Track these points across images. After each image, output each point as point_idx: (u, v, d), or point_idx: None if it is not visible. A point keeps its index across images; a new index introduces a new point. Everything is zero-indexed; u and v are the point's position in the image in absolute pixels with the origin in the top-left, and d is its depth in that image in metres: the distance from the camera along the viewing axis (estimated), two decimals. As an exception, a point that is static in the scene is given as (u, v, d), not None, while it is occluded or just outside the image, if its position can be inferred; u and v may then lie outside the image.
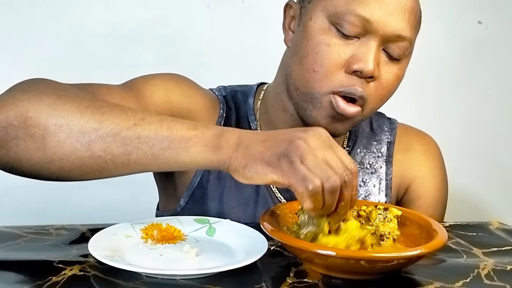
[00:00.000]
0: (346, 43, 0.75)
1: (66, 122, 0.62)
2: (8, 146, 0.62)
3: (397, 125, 0.96)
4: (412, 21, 0.76)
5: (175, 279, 0.59)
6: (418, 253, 0.60)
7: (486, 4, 1.61)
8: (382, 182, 0.92)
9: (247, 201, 0.85)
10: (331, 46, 0.75)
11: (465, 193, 1.62)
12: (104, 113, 0.63)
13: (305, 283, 0.60)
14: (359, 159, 0.92)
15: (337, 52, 0.75)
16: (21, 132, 0.61)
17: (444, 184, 0.96)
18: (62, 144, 0.61)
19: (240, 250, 0.66)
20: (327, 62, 0.75)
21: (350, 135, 0.93)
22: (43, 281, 0.57)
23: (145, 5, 1.47)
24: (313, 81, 0.77)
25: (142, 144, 0.62)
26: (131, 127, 0.62)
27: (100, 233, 0.67)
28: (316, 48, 0.76)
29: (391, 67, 0.77)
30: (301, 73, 0.78)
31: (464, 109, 1.64)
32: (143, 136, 0.62)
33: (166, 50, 1.48)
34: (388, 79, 0.78)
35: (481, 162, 1.65)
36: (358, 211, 0.70)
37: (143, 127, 0.63)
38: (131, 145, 0.62)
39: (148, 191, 1.02)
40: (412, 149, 0.95)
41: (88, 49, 1.47)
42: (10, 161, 0.63)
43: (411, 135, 0.96)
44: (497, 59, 1.63)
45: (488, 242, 0.77)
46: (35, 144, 0.62)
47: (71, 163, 0.63)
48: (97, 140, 0.62)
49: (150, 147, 0.62)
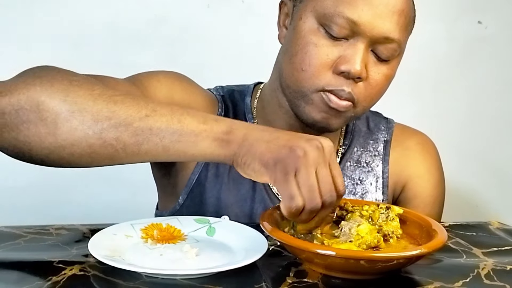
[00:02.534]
0: (334, 44, 0.76)
1: (78, 108, 0.62)
2: (18, 129, 0.62)
3: (393, 125, 0.97)
4: (402, 22, 0.76)
5: (175, 279, 0.59)
6: (418, 253, 0.60)
7: (486, 4, 1.61)
8: (379, 180, 0.92)
9: (245, 197, 0.87)
10: (319, 46, 0.76)
11: (465, 193, 1.62)
12: (117, 102, 0.63)
13: (305, 283, 0.60)
14: (356, 157, 0.93)
15: (325, 53, 0.76)
16: (32, 115, 0.61)
17: (441, 183, 0.96)
18: (74, 130, 0.62)
19: (240, 250, 0.66)
20: (315, 61, 0.76)
21: (346, 134, 0.94)
22: (43, 281, 0.57)
23: (145, 5, 1.47)
24: (302, 79, 0.78)
25: (153, 136, 0.63)
26: (143, 118, 0.63)
27: (100, 233, 0.67)
28: (305, 48, 0.77)
29: (380, 68, 0.78)
30: (290, 71, 0.79)
31: (463, 109, 1.64)
32: (154, 127, 0.63)
33: (166, 50, 1.48)
34: (377, 79, 0.78)
35: (481, 162, 1.65)
36: (360, 211, 0.70)
37: (154, 118, 0.63)
38: (143, 136, 0.63)
39: (148, 191, 1.02)
40: (408, 148, 0.95)
41: (88, 49, 1.47)
42: (19, 145, 0.63)
43: (408, 134, 0.97)
44: (497, 59, 1.63)
45: (488, 242, 0.77)
46: (47, 129, 0.62)
47: (82, 150, 0.63)
48: (109, 129, 0.62)
49: (161, 139, 0.63)
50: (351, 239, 0.63)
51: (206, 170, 0.87)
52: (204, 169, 0.87)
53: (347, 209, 0.71)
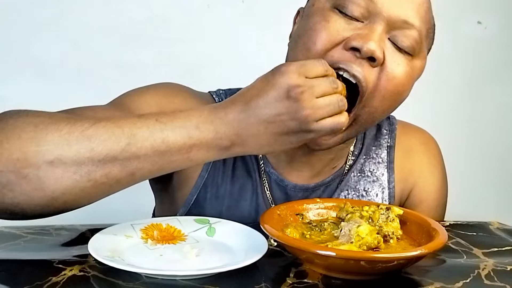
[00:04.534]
0: (348, 22, 0.70)
1: (55, 156, 0.58)
2: (2, 194, 0.58)
3: (396, 126, 0.91)
4: (421, 13, 0.72)
5: (175, 280, 0.59)
6: (418, 254, 0.60)
7: (486, 4, 1.61)
8: (385, 191, 0.87)
9: (247, 220, 0.79)
10: (331, 22, 0.70)
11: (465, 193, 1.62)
12: (91, 137, 0.59)
13: (305, 283, 0.60)
14: (359, 166, 0.87)
15: (336, 28, 0.69)
16: (12, 176, 0.57)
17: (444, 185, 0.93)
18: (61, 179, 0.58)
19: (240, 250, 0.66)
20: (323, 37, 0.69)
21: (356, 143, 0.88)
22: (43, 281, 0.57)
23: (145, 5, 1.48)
24: (303, 57, 0.70)
25: (143, 163, 0.61)
26: (125, 148, 0.59)
27: (100, 233, 0.67)
28: (314, 25, 0.71)
29: (400, 58, 0.71)
30: (294, 55, 0.73)
31: (463, 109, 1.64)
32: (141, 155, 0.60)
33: (166, 50, 1.48)
34: (395, 71, 0.70)
35: (481, 162, 1.65)
36: (360, 212, 0.70)
37: (137, 146, 0.60)
38: (132, 166, 0.60)
39: (148, 192, 1.02)
40: (412, 150, 0.91)
41: (88, 49, 1.47)
42: (10, 207, 0.59)
43: (410, 134, 0.92)
44: (497, 59, 1.63)
45: (488, 242, 0.77)
46: (32, 185, 0.58)
47: (75, 195, 0.60)
48: (95, 169, 0.59)
49: (152, 164, 0.61)
50: (351, 240, 0.63)
51: (205, 191, 0.83)
52: (202, 190, 0.83)
53: (347, 210, 0.71)
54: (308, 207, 0.75)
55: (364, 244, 0.63)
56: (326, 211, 0.75)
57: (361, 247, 0.63)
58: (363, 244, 0.63)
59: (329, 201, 0.76)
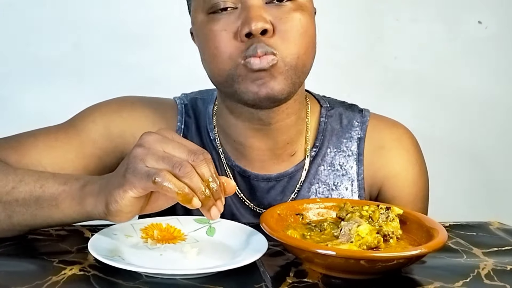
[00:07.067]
0: (226, 16, 0.74)
1: None
2: None
3: (368, 119, 0.90)
4: None
5: (175, 279, 0.59)
6: (418, 253, 0.60)
7: (486, 4, 1.61)
8: (354, 183, 0.87)
9: None
10: (215, 27, 0.74)
11: (465, 193, 1.62)
12: None
13: (305, 283, 0.60)
14: (329, 159, 0.87)
15: (222, 28, 0.74)
16: None
17: (422, 178, 0.91)
18: None
19: (240, 250, 0.66)
20: (219, 41, 0.74)
21: (317, 134, 0.88)
22: (43, 281, 0.57)
23: (145, 5, 1.48)
24: (218, 64, 0.75)
25: (19, 207, 0.66)
26: (10, 192, 0.67)
27: (100, 233, 0.67)
28: (206, 38, 0.76)
29: (286, 9, 0.74)
30: (208, 67, 0.78)
31: (463, 109, 1.64)
32: (20, 198, 0.66)
33: (166, 50, 1.48)
34: (288, 24, 0.73)
35: (481, 162, 1.65)
36: (360, 211, 0.70)
37: (19, 189, 0.66)
38: (10, 209, 0.67)
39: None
40: (383, 147, 0.89)
41: (88, 49, 1.47)
42: None
43: (383, 129, 0.90)
44: (497, 59, 1.63)
45: (488, 242, 0.77)
46: None
47: None
48: None
49: (26, 208, 0.66)
50: (351, 239, 0.63)
51: None
52: None
53: (347, 210, 0.71)
54: (308, 207, 0.75)
55: (364, 244, 0.63)
56: (326, 211, 0.75)
57: (361, 246, 0.63)
58: (363, 243, 0.63)
59: (329, 201, 0.76)
